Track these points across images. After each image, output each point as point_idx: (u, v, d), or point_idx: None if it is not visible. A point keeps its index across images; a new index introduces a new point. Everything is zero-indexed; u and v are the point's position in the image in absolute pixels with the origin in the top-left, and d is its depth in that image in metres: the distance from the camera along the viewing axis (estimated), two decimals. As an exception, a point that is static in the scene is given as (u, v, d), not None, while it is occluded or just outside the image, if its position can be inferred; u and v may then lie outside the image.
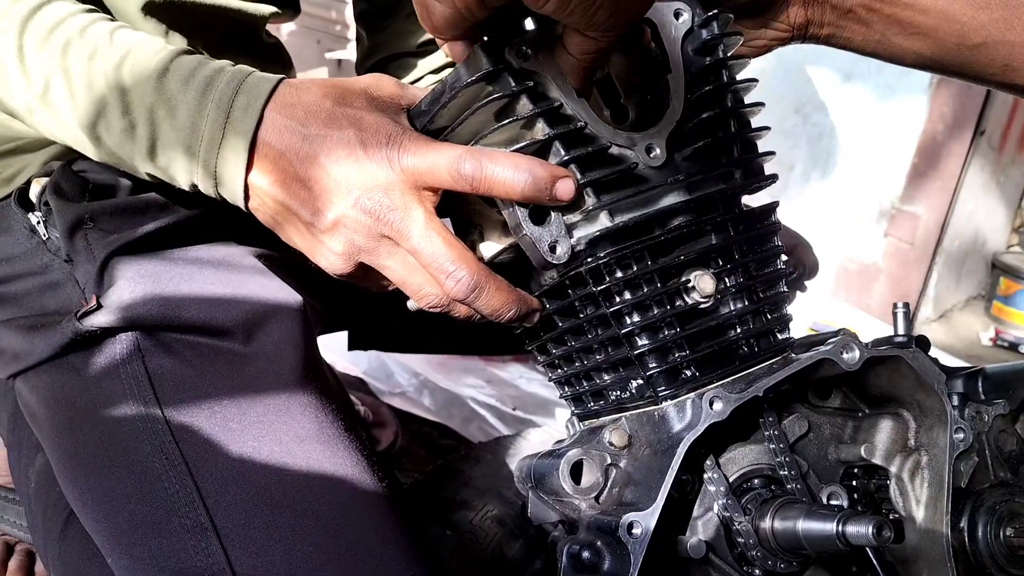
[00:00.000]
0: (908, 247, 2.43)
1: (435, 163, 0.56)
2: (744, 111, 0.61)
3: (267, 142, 0.60)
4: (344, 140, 0.58)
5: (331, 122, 0.59)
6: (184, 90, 0.61)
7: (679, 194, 0.57)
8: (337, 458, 0.69)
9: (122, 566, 0.65)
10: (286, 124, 0.59)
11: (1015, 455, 0.67)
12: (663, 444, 0.57)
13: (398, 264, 0.60)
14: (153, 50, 0.63)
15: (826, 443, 0.65)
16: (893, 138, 2.37)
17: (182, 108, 0.61)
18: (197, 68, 0.62)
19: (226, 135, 0.60)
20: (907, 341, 0.62)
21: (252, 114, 0.60)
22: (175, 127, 0.61)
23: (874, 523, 0.51)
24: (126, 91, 0.62)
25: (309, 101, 0.60)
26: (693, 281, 0.57)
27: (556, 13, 0.49)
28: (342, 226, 0.59)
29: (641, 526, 0.53)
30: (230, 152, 0.60)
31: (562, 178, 0.54)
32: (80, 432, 0.68)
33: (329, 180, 0.58)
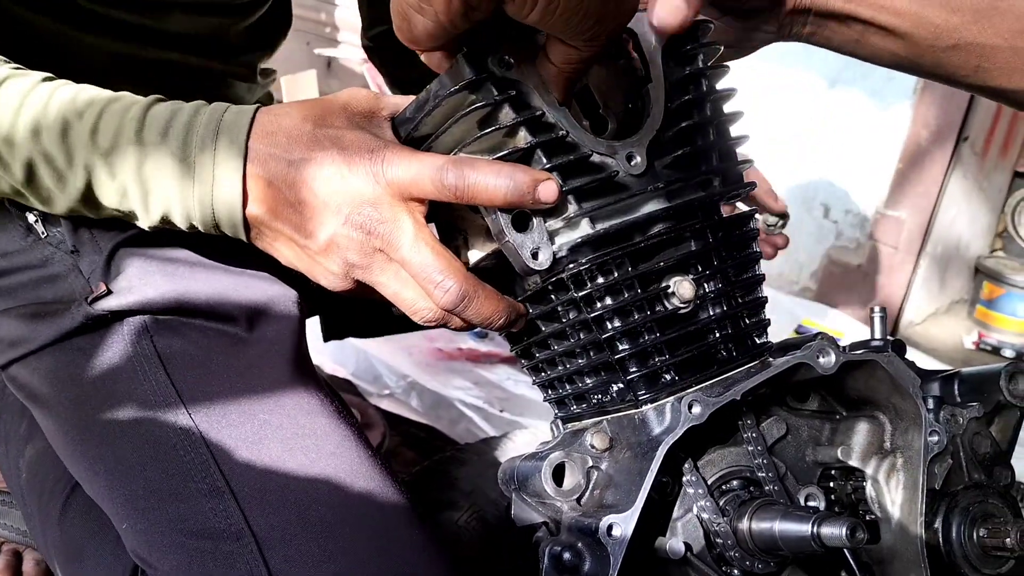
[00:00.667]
0: (892, 251, 2.45)
1: (419, 174, 0.57)
2: (723, 119, 0.62)
3: (255, 174, 0.61)
4: (328, 160, 0.59)
5: (313, 144, 0.60)
6: (164, 142, 0.62)
7: (659, 201, 0.58)
8: (343, 430, 0.70)
9: (139, 531, 0.66)
10: (270, 152, 0.61)
11: (989, 457, 0.68)
12: (643, 447, 0.58)
13: (391, 279, 0.61)
14: (123, 108, 0.63)
15: (804, 445, 0.66)
16: (878, 143, 2.39)
17: (166, 160, 0.62)
18: (172, 117, 0.63)
19: (216, 177, 0.61)
20: (883, 345, 0.63)
21: (237, 150, 0.61)
22: (164, 177, 0.62)
23: (848, 525, 0.52)
24: (108, 157, 0.62)
25: (289, 126, 0.61)
26: (673, 287, 0.58)
27: (540, 23, 0.49)
28: (335, 245, 0.60)
29: (621, 528, 0.54)
30: (224, 193, 0.61)
31: (543, 181, 0.55)
32: (89, 406, 0.69)
33: (318, 201, 0.59)
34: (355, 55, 3.20)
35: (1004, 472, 0.69)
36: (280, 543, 0.63)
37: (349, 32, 3.29)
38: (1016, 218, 2.76)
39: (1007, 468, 0.70)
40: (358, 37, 2.63)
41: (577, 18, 0.49)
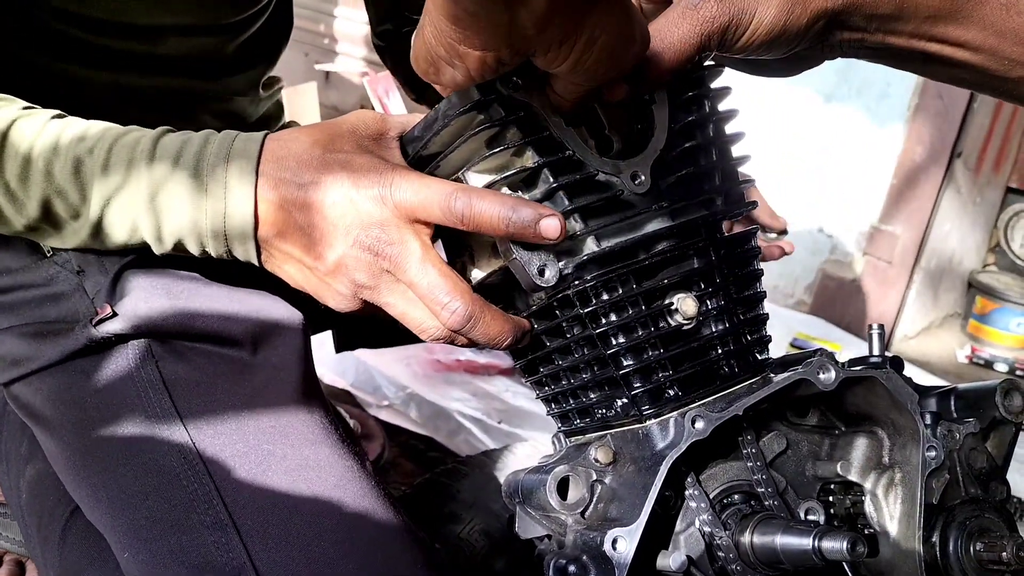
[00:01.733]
0: (887, 265, 2.47)
1: (427, 199, 0.59)
2: (725, 140, 0.63)
3: (266, 199, 0.62)
4: (337, 183, 0.61)
5: (323, 168, 0.61)
6: (176, 170, 0.63)
7: (663, 220, 0.59)
8: (347, 461, 0.70)
9: (140, 561, 0.66)
10: (280, 176, 0.62)
11: (985, 472, 0.69)
12: (647, 461, 0.59)
13: (398, 300, 0.62)
14: (133, 141, 0.64)
15: (803, 460, 0.67)
16: (872, 159, 2.41)
17: (179, 188, 0.63)
18: (183, 147, 0.64)
19: (228, 207, 0.62)
20: (882, 361, 0.64)
21: (248, 178, 0.62)
22: (174, 210, 0.63)
23: (849, 539, 0.53)
24: (121, 190, 0.63)
25: (299, 151, 0.62)
26: (676, 303, 0.59)
27: (565, 74, 0.52)
28: (344, 266, 0.61)
29: (625, 541, 0.54)
30: (236, 222, 0.63)
31: (547, 217, 0.56)
32: (92, 430, 0.69)
33: (327, 224, 0.61)
34: (354, 67, 3.21)
35: (1000, 487, 0.70)
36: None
37: (348, 44, 3.30)
38: (1009, 233, 2.78)
39: (1003, 483, 0.71)
40: (357, 49, 2.61)
41: (602, 69, 0.52)
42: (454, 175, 0.59)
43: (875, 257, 2.48)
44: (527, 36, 0.47)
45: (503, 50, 0.49)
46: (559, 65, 0.50)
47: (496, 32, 0.47)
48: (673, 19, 0.57)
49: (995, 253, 2.84)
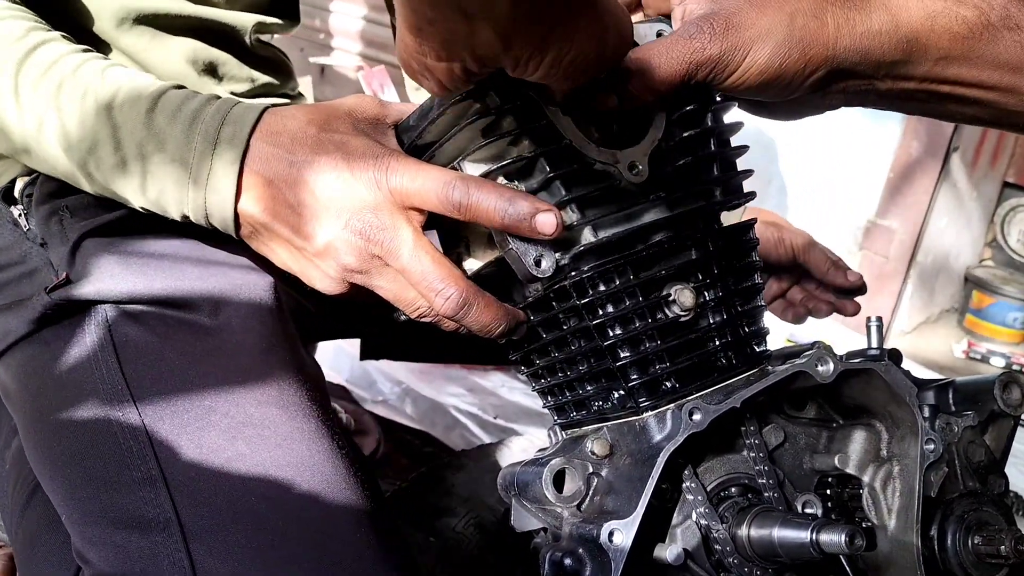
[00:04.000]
0: (883, 260, 2.47)
1: (424, 186, 0.58)
2: (724, 130, 0.63)
3: (255, 171, 0.61)
4: (331, 164, 0.60)
5: (318, 148, 0.61)
6: (171, 124, 0.63)
7: (660, 210, 0.59)
8: (296, 422, 0.68)
9: (74, 521, 0.65)
10: (273, 152, 0.61)
11: (983, 465, 0.69)
12: (644, 454, 0.58)
13: (389, 283, 0.61)
14: (142, 86, 0.65)
15: (801, 453, 0.66)
16: (869, 153, 2.41)
17: (170, 142, 0.62)
18: (184, 102, 0.64)
19: (213, 166, 0.61)
20: (880, 354, 0.64)
21: (238, 144, 0.61)
22: (164, 161, 0.63)
23: (847, 532, 0.53)
24: (116, 127, 0.63)
25: (295, 128, 0.61)
26: (674, 295, 0.59)
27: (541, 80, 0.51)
28: (333, 248, 0.60)
29: (622, 534, 0.54)
30: (218, 183, 0.62)
31: (544, 212, 0.55)
32: (45, 398, 0.69)
33: (318, 204, 0.60)
34: (349, 62, 3.20)
35: (998, 480, 0.70)
36: (206, 534, 0.61)
37: (343, 39, 3.29)
38: (1005, 228, 2.79)
39: (1001, 476, 0.70)
40: (352, 44, 2.61)
41: (577, 77, 0.51)
42: (449, 164, 0.59)
43: (872, 252, 2.48)
44: (492, 51, 0.47)
45: (469, 62, 0.48)
46: (530, 75, 0.50)
47: (458, 44, 0.47)
48: (667, 44, 0.56)
49: (992, 248, 2.85)
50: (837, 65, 0.57)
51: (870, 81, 0.59)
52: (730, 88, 0.58)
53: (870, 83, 0.59)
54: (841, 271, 1.05)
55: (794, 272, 1.08)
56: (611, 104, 0.57)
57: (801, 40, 0.56)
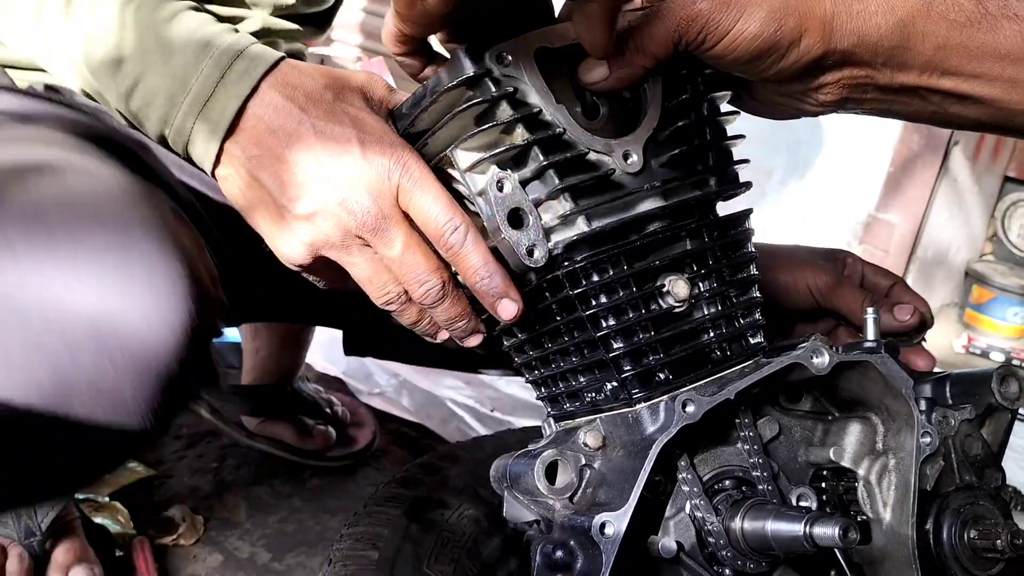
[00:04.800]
0: (883, 254, 2.46)
1: (430, 209, 0.57)
2: (720, 119, 0.62)
3: (258, 115, 0.59)
4: (344, 136, 0.58)
5: (332, 116, 0.59)
6: (184, 41, 0.61)
7: (655, 200, 0.58)
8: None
9: None
10: (284, 104, 0.59)
11: (980, 459, 0.69)
12: (636, 445, 0.58)
13: (364, 262, 0.60)
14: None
15: (796, 446, 0.66)
16: (869, 147, 2.40)
17: (178, 57, 0.60)
18: (203, 24, 0.62)
19: (216, 93, 0.59)
20: (877, 347, 0.63)
21: (248, 82, 0.59)
22: (164, 73, 0.61)
23: (840, 525, 0.52)
24: (125, 26, 0.61)
25: (311, 88, 0.60)
26: (668, 286, 0.58)
27: None
28: (319, 218, 0.58)
29: (613, 526, 0.54)
30: (214, 113, 0.59)
31: (509, 300, 0.58)
32: None
33: (319, 170, 0.58)
34: (348, 53, 3.19)
35: (995, 474, 0.70)
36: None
37: (342, 30, 3.28)
38: (1006, 222, 2.78)
39: (997, 470, 0.70)
40: (351, 35, 2.59)
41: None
42: (442, 152, 0.58)
43: (872, 246, 2.47)
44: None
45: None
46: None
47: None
48: (657, 10, 0.55)
49: (992, 242, 2.84)
50: (833, 45, 0.55)
51: (868, 72, 0.57)
52: (721, 54, 0.55)
53: (868, 75, 0.58)
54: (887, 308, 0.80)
55: (829, 316, 0.85)
56: (599, 78, 0.56)
57: (797, 9, 0.54)
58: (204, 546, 1.18)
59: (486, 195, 0.56)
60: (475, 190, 0.57)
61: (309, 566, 1.17)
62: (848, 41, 0.55)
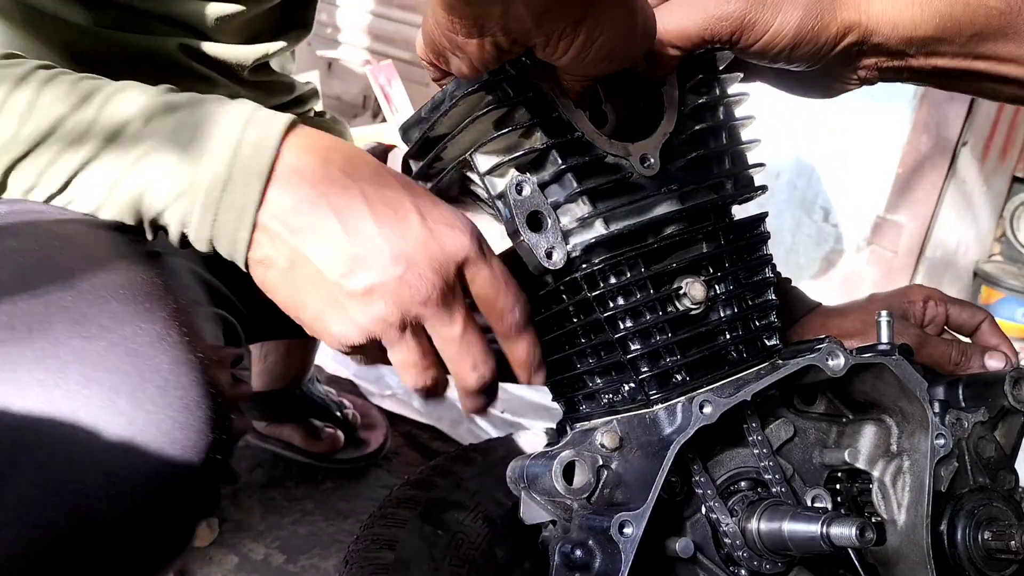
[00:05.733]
0: (892, 255, 2.46)
1: (500, 284, 0.56)
2: (735, 123, 0.62)
3: (295, 183, 0.53)
4: (398, 201, 0.54)
5: (379, 177, 0.54)
6: (181, 118, 0.55)
7: (672, 203, 0.59)
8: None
9: None
10: (322, 168, 0.53)
11: (993, 461, 0.69)
12: (654, 446, 0.58)
13: (414, 345, 0.56)
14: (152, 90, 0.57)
15: (811, 447, 0.66)
16: (878, 148, 2.40)
17: (185, 132, 0.54)
18: (203, 99, 0.57)
19: (233, 175, 0.53)
20: (891, 349, 0.64)
21: (266, 152, 0.53)
22: (171, 172, 0.54)
23: (857, 525, 0.53)
24: (109, 145, 0.54)
25: (344, 148, 0.56)
26: (684, 288, 0.59)
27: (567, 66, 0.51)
28: (376, 295, 0.53)
29: (632, 526, 0.54)
30: (236, 196, 0.53)
31: (544, 369, 0.60)
32: None
33: (375, 241, 0.52)
34: (356, 56, 3.20)
35: (1008, 476, 0.70)
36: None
37: (350, 33, 3.29)
38: (1014, 223, 2.77)
39: (1011, 473, 0.70)
40: (360, 38, 2.60)
41: (602, 65, 0.50)
42: (461, 156, 0.59)
43: (880, 247, 2.47)
44: (525, 28, 0.47)
45: (501, 39, 0.48)
46: (559, 58, 0.49)
47: (491, 20, 0.46)
48: (683, 3, 0.55)
49: (1000, 243, 2.83)
50: (868, 33, 0.55)
51: (903, 58, 0.57)
52: (762, 51, 0.55)
53: (904, 60, 0.57)
54: (976, 355, 0.78)
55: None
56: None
57: (832, 3, 0.54)
58: (219, 548, 1.19)
59: (505, 198, 0.57)
60: (494, 193, 0.58)
61: (323, 568, 1.18)
62: (883, 32, 0.55)
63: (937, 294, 0.84)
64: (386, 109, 2.22)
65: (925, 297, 0.83)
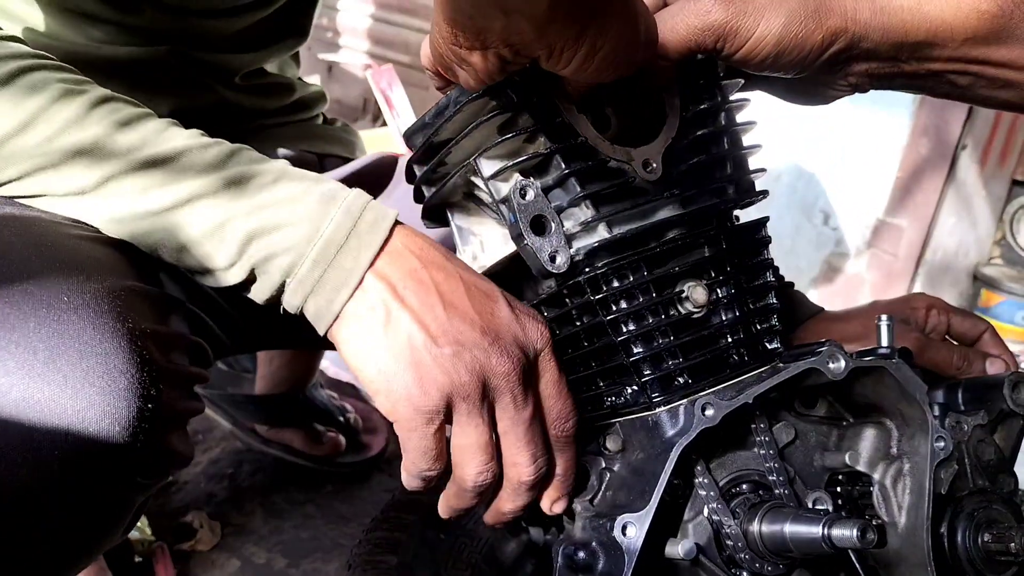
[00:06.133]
0: (892, 258, 2.46)
1: (562, 389, 0.59)
2: (737, 129, 0.63)
3: (404, 253, 0.57)
4: (491, 291, 0.58)
5: (471, 270, 0.60)
6: (302, 192, 0.58)
7: (674, 208, 0.59)
8: None
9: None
10: (427, 246, 0.58)
11: (993, 463, 0.69)
12: (656, 449, 0.58)
13: (482, 425, 0.57)
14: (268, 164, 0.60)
15: (812, 450, 0.66)
16: (878, 151, 2.40)
17: (300, 208, 0.57)
18: (306, 177, 0.60)
19: (348, 241, 0.57)
20: (891, 352, 0.64)
21: (381, 230, 0.58)
22: (287, 224, 0.57)
23: (859, 526, 0.53)
24: (225, 185, 0.58)
25: (439, 245, 0.60)
26: (686, 291, 0.59)
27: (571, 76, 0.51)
28: (463, 361, 0.55)
29: (635, 527, 0.55)
30: (347, 260, 0.56)
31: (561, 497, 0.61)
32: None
33: (470, 315, 0.56)
34: (357, 60, 3.21)
35: (1008, 479, 0.70)
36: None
37: (350, 36, 3.30)
38: (1014, 226, 2.78)
39: (1011, 476, 0.71)
40: (360, 42, 2.60)
41: (605, 74, 0.51)
42: (465, 161, 0.59)
43: (881, 250, 2.47)
44: (527, 40, 0.47)
45: (504, 51, 0.48)
46: (562, 69, 0.50)
47: (495, 34, 0.47)
48: (671, 11, 0.55)
49: (1000, 246, 2.83)
50: (856, 40, 0.55)
51: (895, 63, 0.57)
52: (744, 59, 0.55)
53: (896, 66, 0.57)
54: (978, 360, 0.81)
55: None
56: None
57: (817, 10, 0.54)
58: (222, 552, 1.19)
59: (509, 202, 0.57)
60: (498, 197, 0.58)
61: (325, 572, 1.18)
62: (872, 38, 0.55)
63: (940, 303, 0.85)
64: (387, 113, 2.22)
65: (928, 305, 0.84)
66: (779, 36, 0.54)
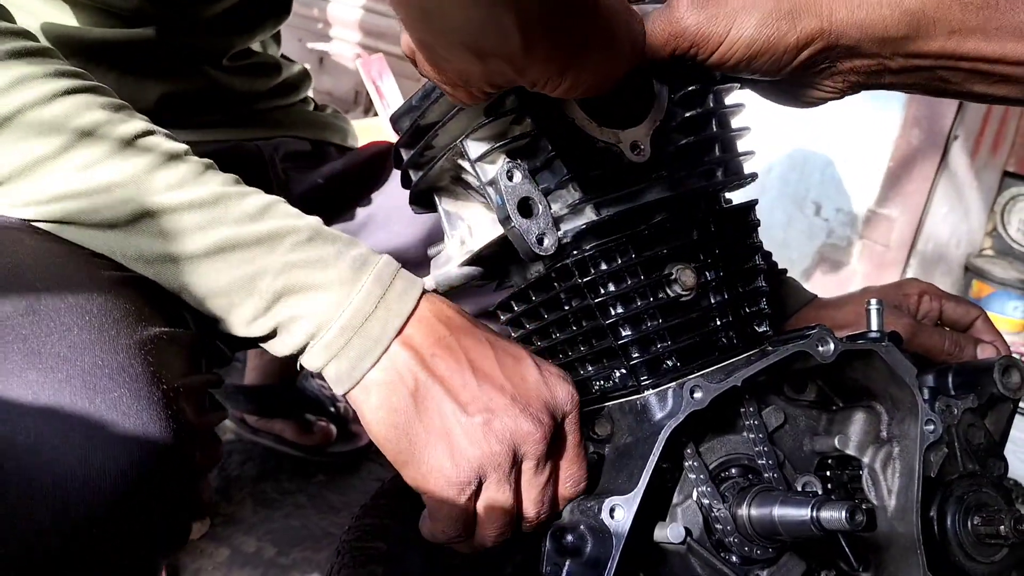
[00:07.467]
0: (883, 249, 2.47)
1: (581, 449, 0.59)
2: (726, 111, 0.62)
3: (434, 320, 0.57)
4: (518, 354, 0.58)
5: (498, 335, 0.59)
6: (334, 256, 0.57)
7: (662, 190, 0.59)
8: None
9: None
10: (454, 314, 0.59)
11: (983, 447, 0.69)
12: (645, 432, 0.58)
13: (508, 490, 0.57)
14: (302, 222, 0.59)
15: (801, 434, 0.66)
16: (869, 142, 2.41)
17: (331, 272, 0.57)
18: (343, 239, 0.59)
19: (376, 311, 0.56)
20: (881, 336, 0.64)
21: (410, 299, 0.58)
22: (318, 287, 0.56)
23: (847, 508, 0.53)
24: (258, 243, 0.57)
25: (465, 313, 0.60)
26: (675, 274, 0.59)
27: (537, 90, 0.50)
28: (497, 420, 0.55)
29: (623, 510, 0.54)
30: (374, 328, 0.56)
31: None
32: None
33: (499, 380, 0.56)
34: (347, 51, 3.19)
35: (997, 463, 0.70)
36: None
37: (341, 28, 3.28)
38: (1005, 217, 2.79)
39: (1000, 459, 0.71)
40: (350, 33, 2.60)
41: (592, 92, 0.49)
42: (452, 143, 0.59)
43: (872, 241, 2.48)
44: (508, 79, 0.47)
45: (486, 88, 0.48)
46: (549, 93, 0.48)
47: (475, 77, 0.47)
48: (652, 16, 0.55)
49: (992, 237, 2.84)
50: (835, 40, 0.54)
51: (878, 60, 0.56)
52: (717, 64, 0.55)
53: (879, 62, 0.56)
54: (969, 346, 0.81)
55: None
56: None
57: (791, 12, 0.53)
58: (211, 541, 1.19)
59: (496, 184, 0.57)
60: (485, 180, 0.57)
61: (315, 560, 1.18)
62: (851, 36, 0.54)
63: (933, 289, 0.85)
64: (377, 103, 2.21)
65: (920, 291, 0.84)
66: (750, 39, 0.53)
